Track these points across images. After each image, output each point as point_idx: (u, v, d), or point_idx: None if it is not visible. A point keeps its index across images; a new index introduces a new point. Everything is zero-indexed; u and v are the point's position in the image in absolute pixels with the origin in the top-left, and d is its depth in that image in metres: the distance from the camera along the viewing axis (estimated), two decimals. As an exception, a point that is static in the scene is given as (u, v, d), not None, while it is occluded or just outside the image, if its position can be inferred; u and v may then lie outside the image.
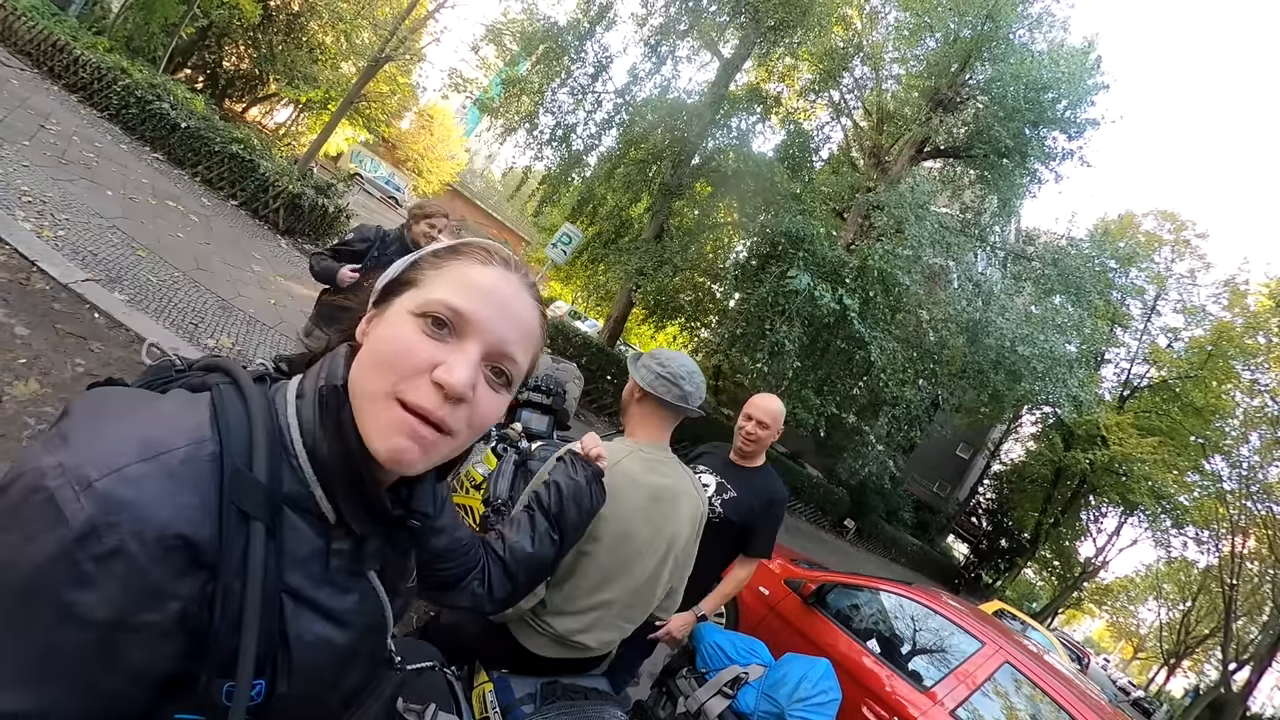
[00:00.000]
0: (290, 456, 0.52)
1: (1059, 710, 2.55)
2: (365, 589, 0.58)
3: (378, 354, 0.53)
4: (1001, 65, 10.11)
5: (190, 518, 0.43)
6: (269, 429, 0.51)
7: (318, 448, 0.52)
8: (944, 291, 10.56)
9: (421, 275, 0.56)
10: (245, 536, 0.46)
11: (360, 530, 0.55)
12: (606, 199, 13.22)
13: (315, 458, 0.52)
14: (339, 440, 0.52)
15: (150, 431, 0.45)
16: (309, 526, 0.52)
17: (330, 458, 0.52)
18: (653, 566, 1.44)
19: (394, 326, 0.53)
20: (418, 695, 1.17)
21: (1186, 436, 17.64)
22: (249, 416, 0.50)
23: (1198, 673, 27.46)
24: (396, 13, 15.00)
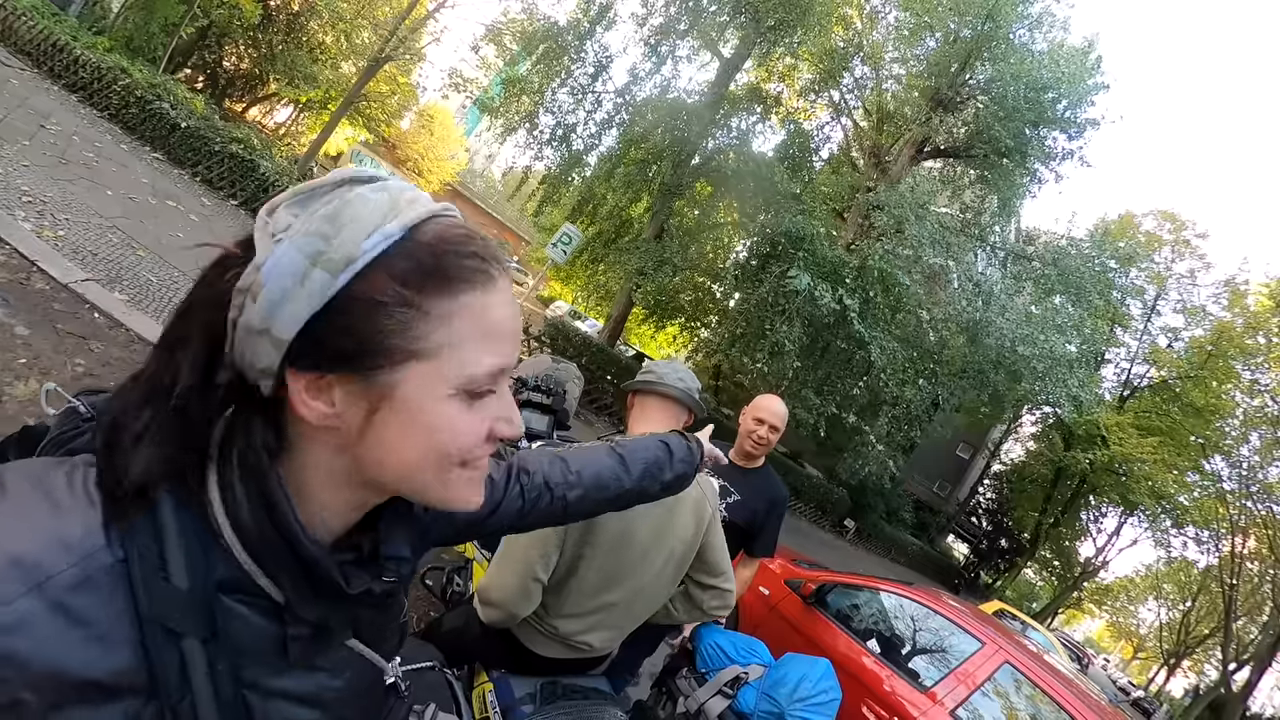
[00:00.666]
0: (218, 538, 0.42)
1: (1059, 710, 2.55)
2: (341, 660, 0.51)
3: (432, 450, 0.43)
4: (1002, 65, 10.11)
5: (89, 659, 0.36)
6: (181, 519, 0.41)
7: (244, 526, 0.41)
8: (944, 291, 10.57)
9: (423, 336, 0.41)
10: (178, 653, 0.39)
11: (314, 616, 0.45)
12: (606, 199, 13.23)
13: (243, 534, 0.42)
14: (272, 525, 0.42)
15: (26, 549, 0.35)
16: (258, 613, 0.43)
17: (264, 543, 0.42)
18: (657, 568, 1.43)
19: (441, 410, 0.43)
20: (418, 695, 1.18)
21: (1186, 436, 17.65)
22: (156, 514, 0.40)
23: (1198, 673, 27.45)
24: (396, 13, 15.00)
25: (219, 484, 0.42)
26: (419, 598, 2.78)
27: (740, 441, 2.33)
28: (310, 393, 0.41)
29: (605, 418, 10.10)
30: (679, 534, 1.44)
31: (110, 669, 0.37)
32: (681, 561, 1.48)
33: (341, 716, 0.51)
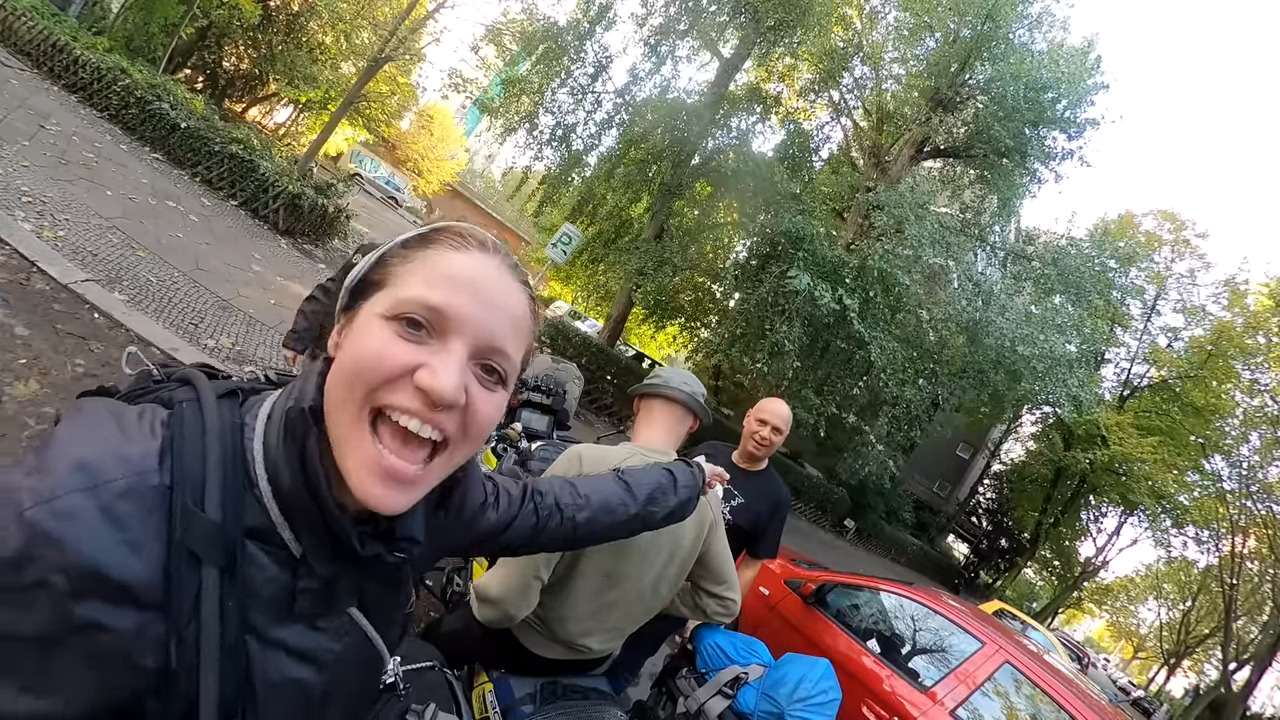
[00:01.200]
0: (253, 487, 0.46)
1: (1059, 710, 2.55)
2: (343, 626, 0.53)
3: (347, 366, 0.46)
4: (1001, 65, 10.11)
5: (120, 560, 0.39)
6: (228, 457, 0.45)
7: (280, 477, 0.46)
8: (944, 291, 10.57)
9: (390, 273, 0.49)
10: (197, 580, 0.42)
11: (326, 572, 0.48)
12: (606, 199, 13.23)
13: (279, 488, 0.46)
14: (301, 472, 0.46)
15: (91, 456, 0.40)
16: (274, 562, 0.47)
17: (291, 490, 0.46)
18: (657, 570, 1.43)
19: (363, 334, 0.47)
20: (418, 695, 1.18)
21: (1186, 436, 17.65)
22: (204, 443, 0.44)
23: (1198, 673, 27.43)
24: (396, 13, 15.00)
25: (263, 442, 0.48)
26: (419, 597, 2.78)
27: (744, 443, 2.33)
28: (339, 330, 0.51)
29: (605, 418, 10.10)
30: (679, 537, 1.44)
31: (135, 576, 0.40)
32: (683, 565, 1.48)
33: (335, 681, 0.52)
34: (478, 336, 0.48)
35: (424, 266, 0.49)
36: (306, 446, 0.46)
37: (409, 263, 0.49)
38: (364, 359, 0.46)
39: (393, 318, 0.46)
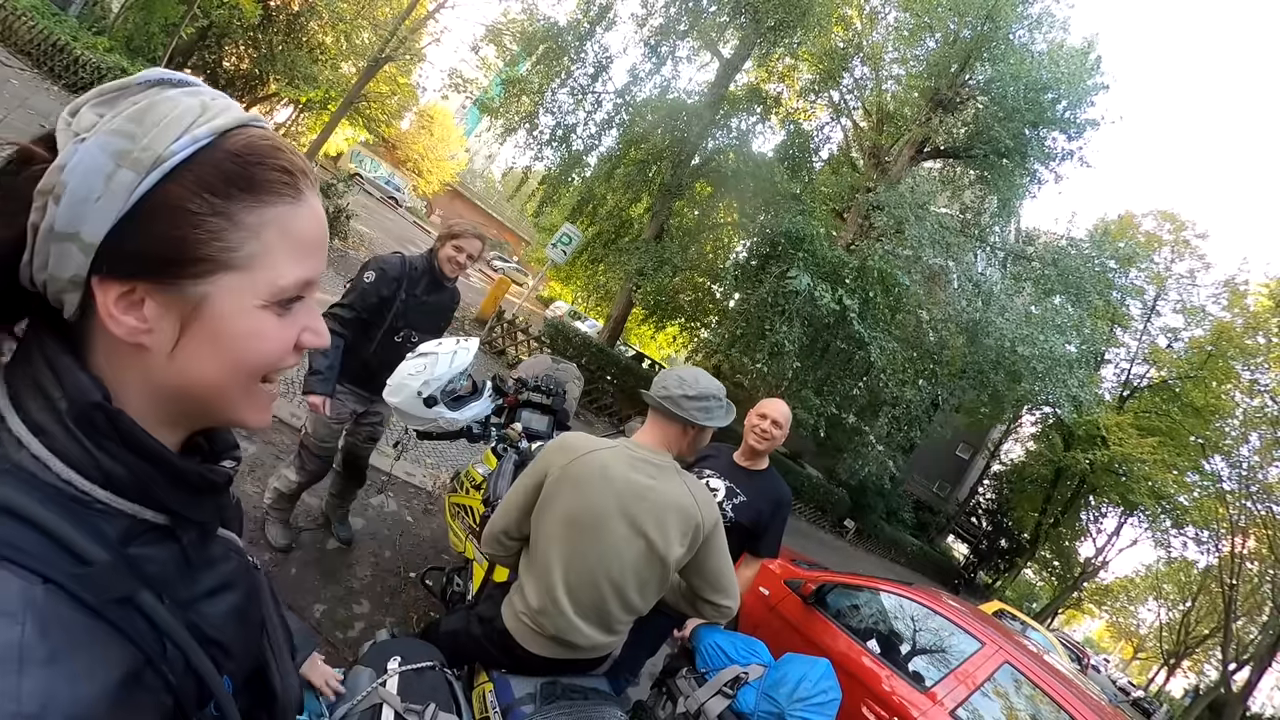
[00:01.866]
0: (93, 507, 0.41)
1: (1059, 710, 2.55)
2: (221, 547, 0.53)
3: (235, 363, 0.43)
4: (1001, 65, 10.11)
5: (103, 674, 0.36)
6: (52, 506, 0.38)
7: (112, 475, 0.41)
8: (944, 292, 10.57)
9: (235, 246, 0.41)
10: (139, 613, 0.40)
11: (197, 516, 0.48)
12: (606, 199, 13.23)
13: (114, 486, 0.41)
14: (137, 456, 0.42)
15: None
16: (155, 545, 0.44)
17: (135, 478, 0.42)
18: (628, 562, 1.39)
19: (240, 327, 0.43)
20: (418, 695, 1.18)
21: (1186, 437, 17.65)
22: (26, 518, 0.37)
23: (1198, 673, 27.44)
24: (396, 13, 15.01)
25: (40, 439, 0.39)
26: (419, 598, 2.79)
27: (745, 439, 2.33)
28: (120, 305, 0.39)
29: (605, 418, 10.10)
30: (655, 530, 1.38)
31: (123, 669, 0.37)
32: (663, 565, 1.42)
33: (247, 590, 0.54)
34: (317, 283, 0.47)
35: (279, 235, 0.42)
36: (122, 430, 0.41)
37: (252, 232, 0.41)
38: (258, 357, 0.44)
39: (277, 304, 0.43)
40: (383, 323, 2.38)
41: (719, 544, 1.52)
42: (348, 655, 2.26)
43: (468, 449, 4.60)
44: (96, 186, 0.37)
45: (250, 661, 0.55)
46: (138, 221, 0.38)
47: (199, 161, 0.39)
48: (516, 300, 11.46)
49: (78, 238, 0.37)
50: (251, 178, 0.41)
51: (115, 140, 0.37)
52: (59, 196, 0.37)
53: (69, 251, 0.38)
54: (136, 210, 0.38)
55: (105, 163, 0.37)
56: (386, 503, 3.46)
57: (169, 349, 0.41)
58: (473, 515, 2.24)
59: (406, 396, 1.95)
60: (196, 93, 0.41)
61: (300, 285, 0.44)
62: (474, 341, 2.10)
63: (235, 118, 0.41)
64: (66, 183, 0.37)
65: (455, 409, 2.06)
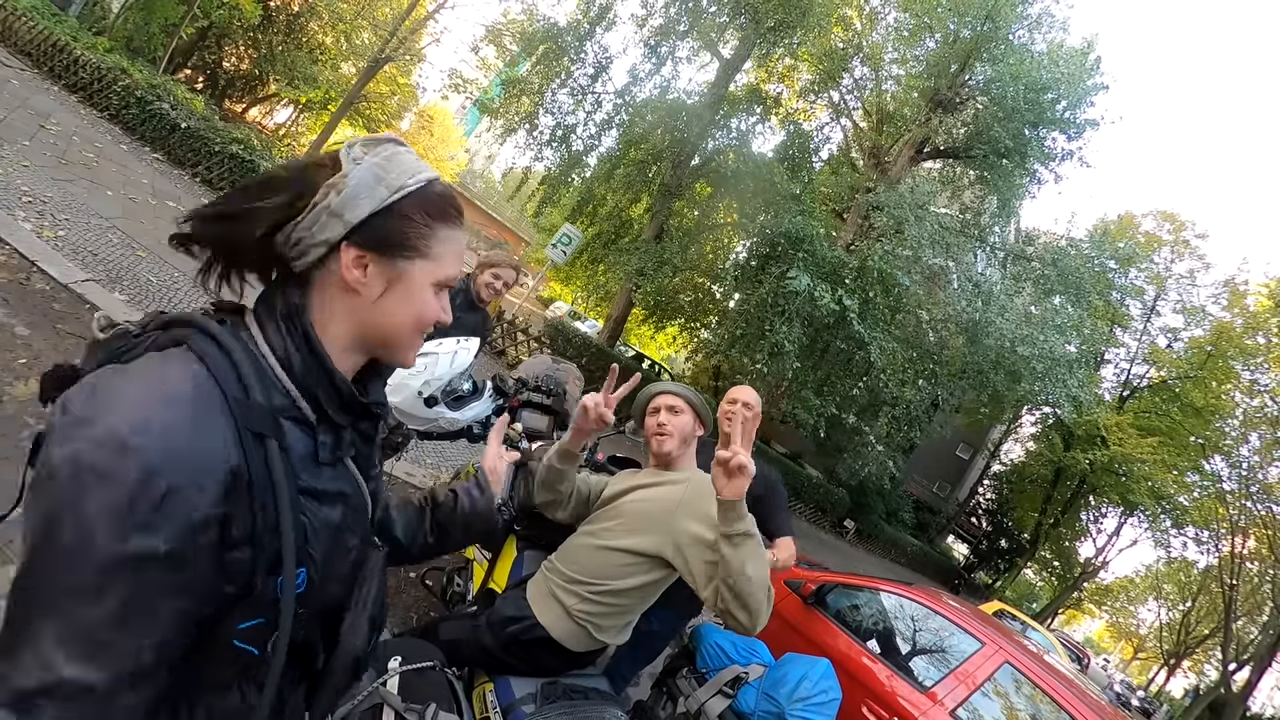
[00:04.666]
0: (272, 377, 0.60)
1: (1059, 710, 2.55)
2: (346, 473, 0.69)
3: (417, 318, 0.67)
4: (1001, 66, 10.12)
5: (218, 451, 0.52)
6: (249, 358, 0.58)
7: (292, 364, 0.61)
8: (944, 292, 10.57)
9: (430, 246, 0.66)
10: (263, 453, 0.55)
11: (340, 421, 0.66)
12: (606, 199, 13.23)
13: (292, 373, 0.61)
14: (312, 356, 0.62)
15: (158, 388, 0.51)
16: (298, 428, 0.62)
17: (305, 371, 0.62)
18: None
19: (422, 298, 0.67)
20: (419, 695, 1.18)
21: (1186, 437, 17.64)
22: (229, 353, 0.57)
23: (1197, 673, 27.44)
24: (396, 13, 15.01)
25: (260, 330, 0.61)
26: (419, 597, 2.79)
27: (719, 429, 2.28)
28: (355, 263, 0.62)
29: (605, 418, 10.10)
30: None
31: (229, 462, 0.52)
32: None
33: (350, 517, 0.68)
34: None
35: (450, 247, 0.68)
36: (310, 338, 0.62)
37: (439, 242, 0.66)
38: (427, 317, 0.68)
39: (439, 287, 0.68)
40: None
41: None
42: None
43: (468, 449, 4.60)
44: (365, 190, 0.61)
45: (331, 588, 0.67)
46: (380, 217, 0.62)
47: (419, 193, 0.65)
48: (516, 300, 11.46)
49: (343, 218, 0.61)
50: (445, 210, 0.67)
51: (378, 167, 0.63)
52: (340, 190, 0.60)
53: (334, 224, 0.61)
54: (383, 210, 0.62)
55: (371, 178, 0.62)
56: (386, 503, 3.46)
57: (375, 298, 0.64)
58: (473, 515, 2.23)
59: (407, 396, 1.95)
60: (410, 152, 0.67)
61: (454, 278, 0.69)
62: (474, 341, 2.10)
63: (434, 173, 0.67)
64: (349, 184, 0.61)
65: (455, 409, 2.06)
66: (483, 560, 2.06)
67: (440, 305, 0.69)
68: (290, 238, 0.61)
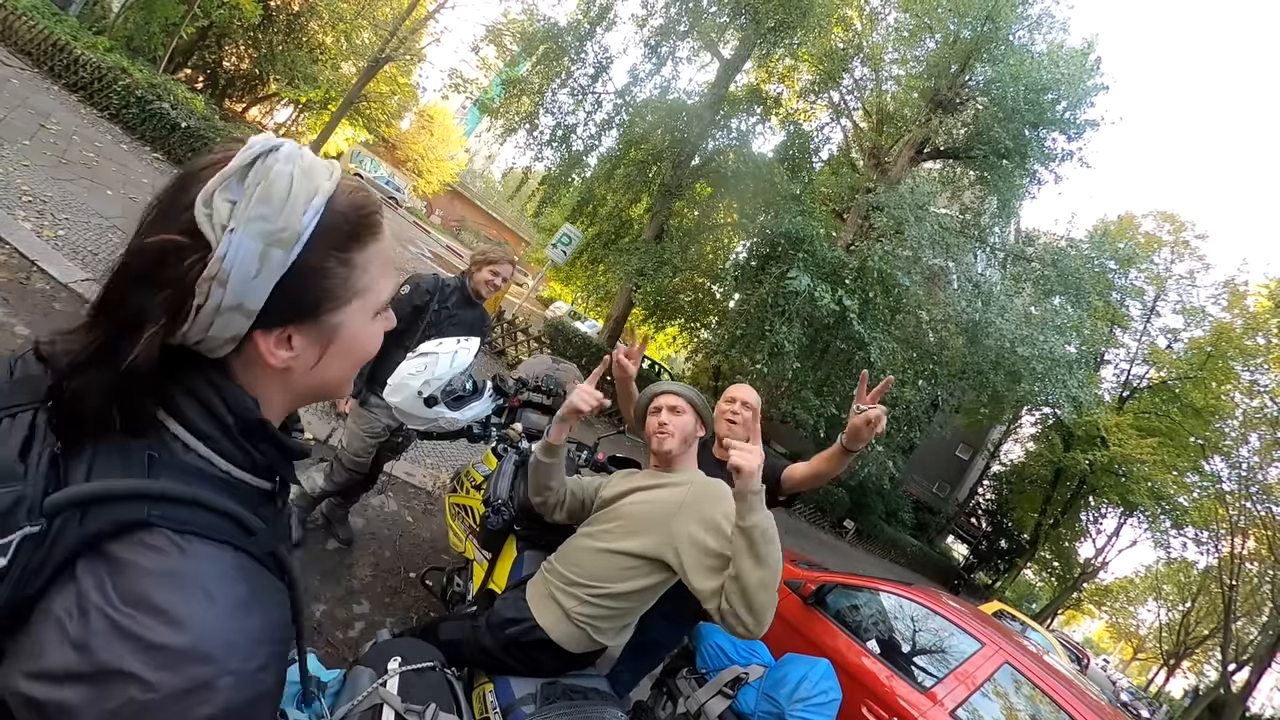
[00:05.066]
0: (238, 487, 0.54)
1: (1059, 711, 2.55)
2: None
3: (359, 356, 0.59)
4: (1001, 66, 10.12)
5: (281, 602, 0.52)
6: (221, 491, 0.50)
7: (256, 463, 0.55)
8: (944, 292, 10.57)
9: (355, 283, 0.54)
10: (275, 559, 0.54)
11: (291, 480, 0.63)
12: (606, 199, 13.23)
13: (255, 470, 0.55)
14: (274, 447, 0.56)
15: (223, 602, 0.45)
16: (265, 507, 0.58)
17: (267, 461, 0.56)
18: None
19: (365, 334, 0.58)
20: (419, 695, 1.18)
21: (1186, 437, 17.64)
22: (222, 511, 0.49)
23: (1197, 673, 27.44)
24: (396, 13, 15.01)
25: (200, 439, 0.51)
26: (420, 598, 2.79)
27: (717, 429, 2.22)
28: (278, 345, 0.52)
29: (605, 418, 10.09)
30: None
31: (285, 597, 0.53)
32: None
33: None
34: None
35: (379, 264, 0.56)
36: (269, 433, 0.54)
37: (363, 271, 0.54)
38: (369, 349, 0.59)
39: (378, 312, 0.58)
40: (416, 332, 2.45)
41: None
42: (348, 655, 2.26)
43: (468, 449, 4.60)
44: (253, 267, 0.46)
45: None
46: (286, 284, 0.48)
47: (323, 228, 0.50)
48: (516, 300, 11.46)
49: (242, 308, 0.47)
50: (358, 233, 0.53)
51: (258, 225, 0.46)
52: (224, 281, 0.46)
53: (234, 319, 0.48)
54: (285, 278, 0.48)
55: (257, 248, 0.46)
56: (386, 503, 3.46)
57: (311, 365, 0.55)
58: (473, 515, 2.24)
59: (407, 396, 1.95)
60: (290, 159, 0.49)
61: (392, 294, 0.60)
62: (474, 341, 2.10)
63: (333, 182, 0.51)
64: (229, 270, 0.46)
65: (456, 409, 2.06)
66: (483, 560, 2.06)
67: (385, 324, 0.60)
68: (187, 341, 0.48)
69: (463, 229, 37.14)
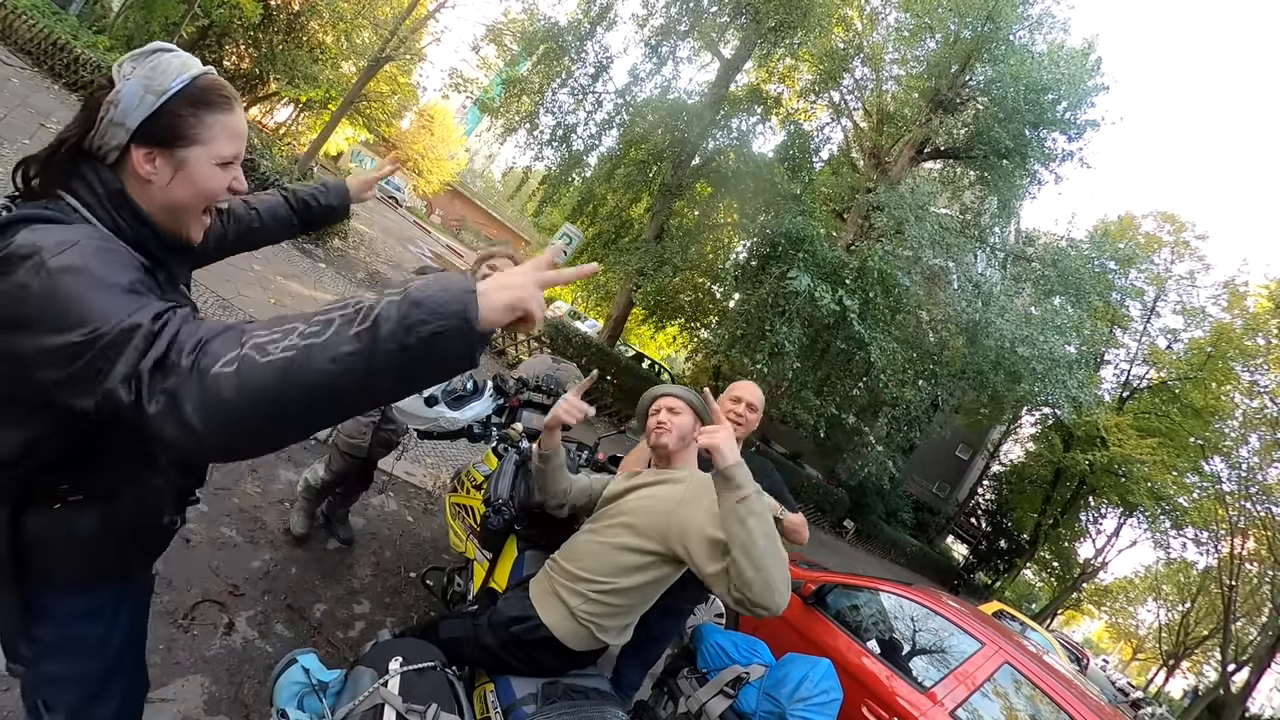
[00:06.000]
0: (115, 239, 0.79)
1: (1058, 710, 2.55)
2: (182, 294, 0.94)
3: (201, 190, 0.83)
4: (1001, 66, 10.11)
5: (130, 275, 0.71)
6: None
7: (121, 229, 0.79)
8: (944, 292, 10.56)
9: (201, 133, 0.80)
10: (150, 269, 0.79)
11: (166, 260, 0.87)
12: (607, 199, 13.22)
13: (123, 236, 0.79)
14: (138, 221, 0.81)
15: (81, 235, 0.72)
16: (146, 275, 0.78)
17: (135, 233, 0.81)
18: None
19: (205, 173, 0.82)
20: (420, 695, 1.18)
21: (1186, 438, 17.64)
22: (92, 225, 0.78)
23: (1196, 674, 27.45)
24: (397, 13, 15.00)
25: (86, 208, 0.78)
26: (420, 597, 2.79)
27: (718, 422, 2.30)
28: (144, 160, 0.79)
29: (605, 418, 10.10)
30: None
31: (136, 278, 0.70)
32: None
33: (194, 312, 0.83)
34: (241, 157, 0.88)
35: (222, 129, 0.82)
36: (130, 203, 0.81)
37: (210, 127, 0.81)
38: (211, 188, 0.84)
39: (222, 164, 0.84)
40: None
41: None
42: (349, 655, 2.26)
43: (468, 449, 4.60)
44: (134, 100, 0.77)
45: None
46: (154, 119, 0.78)
47: (183, 92, 0.79)
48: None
49: (124, 126, 0.78)
50: (211, 100, 0.81)
51: (144, 79, 0.77)
52: (116, 104, 0.77)
53: (118, 132, 0.78)
54: (154, 113, 0.78)
55: (139, 89, 0.77)
56: (386, 503, 3.46)
57: (166, 183, 0.81)
58: (473, 515, 2.24)
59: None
60: (180, 55, 0.81)
61: (233, 155, 0.85)
62: (474, 341, 2.09)
63: (199, 69, 0.81)
64: (121, 98, 0.77)
65: (456, 409, 2.06)
66: (483, 560, 2.06)
67: (230, 178, 0.85)
68: (92, 145, 0.78)
69: (463, 228, 37.11)
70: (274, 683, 1.19)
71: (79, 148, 0.78)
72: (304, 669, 1.19)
